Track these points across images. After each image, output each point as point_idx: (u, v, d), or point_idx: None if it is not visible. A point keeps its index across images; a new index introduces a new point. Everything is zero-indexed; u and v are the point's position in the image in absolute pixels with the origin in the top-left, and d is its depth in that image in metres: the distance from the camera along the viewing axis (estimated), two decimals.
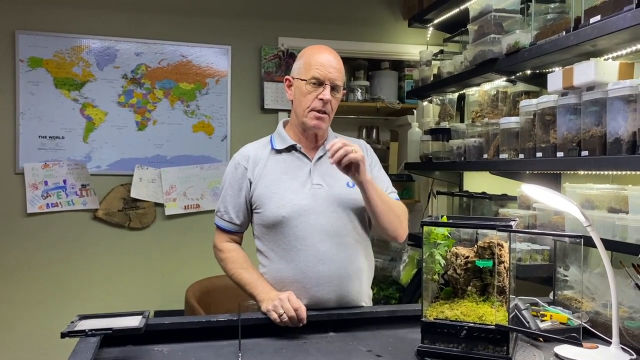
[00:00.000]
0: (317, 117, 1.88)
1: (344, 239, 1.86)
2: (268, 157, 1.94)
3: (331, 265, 1.83)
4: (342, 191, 1.91)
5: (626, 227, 1.73)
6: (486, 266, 1.50)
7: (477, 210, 2.87)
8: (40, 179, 3.40)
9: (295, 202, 1.85)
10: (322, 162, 1.94)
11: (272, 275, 1.89)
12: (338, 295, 1.85)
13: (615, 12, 1.70)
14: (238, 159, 1.97)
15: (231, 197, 1.94)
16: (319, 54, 1.90)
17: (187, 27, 3.63)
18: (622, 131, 1.69)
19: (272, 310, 1.69)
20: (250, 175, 1.92)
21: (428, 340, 1.48)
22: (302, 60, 1.92)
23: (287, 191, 1.87)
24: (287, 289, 1.81)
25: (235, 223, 1.96)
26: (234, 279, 1.92)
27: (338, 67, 1.90)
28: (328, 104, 1.87)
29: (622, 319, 1.61)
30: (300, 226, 1.84)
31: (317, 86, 1.86)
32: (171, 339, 1.61)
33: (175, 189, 3.60)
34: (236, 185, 1.94)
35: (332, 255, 1.83)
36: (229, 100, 3.71)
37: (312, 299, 1.83)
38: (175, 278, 3.50)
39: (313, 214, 1.85)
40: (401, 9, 3.96)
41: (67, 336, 1.46)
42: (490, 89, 2.72)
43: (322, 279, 1.83)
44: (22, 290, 3.38)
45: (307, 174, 1.91)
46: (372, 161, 2.05)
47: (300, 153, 1.95)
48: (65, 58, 3.44)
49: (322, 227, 1.85)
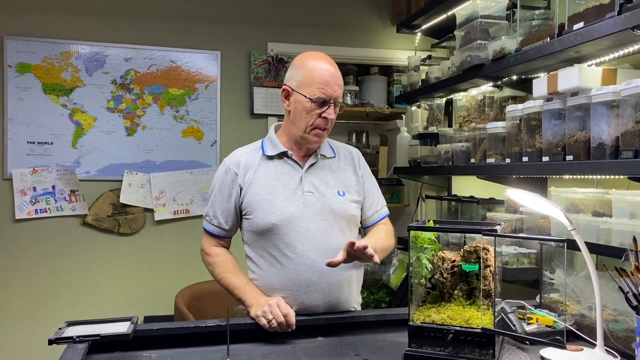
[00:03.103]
0: (319, 135, 1.88)
1: (334, 247, 1.84)
2: (259, 163, 1.92)
3: (320, 273, 1.83)
4: (333, 199, 1.90)
5: (610, 231, 1.76)
6: (472, 270, 1.52)
7: (465, 214, 2.90)
8: (28, 184, 3.38)
9: (286, 209, 1.84)
10: (313, 170, 1.93)
11: (261, 282, 1.89)
12: (327, 302, 1.86)
13: (598, 19, 1.73)
14: (228, 164, 1.95)
15: (220, 202, 1.93)
16: (321, 67, 1.84)
17: (177, 32, 3.64)
18: (605, 136, 1.71)
19: (261, 316, 1.70)
20: (241, 181, 1.90)
21: (415, 344, 1.49)
22: (303, 73, 1.85)
23: (278, 198, 1.86)
24: (277, 296, 1.81)
25: (224, 228, 1.95)
26: (222, 284, 1.91)
27: (340, 82, 1.87)
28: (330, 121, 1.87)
29: (607, 322, 1.63)
30: (291, 234, 1.84)
31: (320, 105, 1.83)
32: (160, 345, 1.61)
33: (164, 194, 3.60)
34: (226, 190, 1.93)
35: (321, 262, 1.80)
36: (219, 105, 3.71)
37: (302, 306, 1.83)
38: (165, 283, 3.49)
39: (304, 221, 1.85)
40: (390, 15, 3.98)
41: (54, 343, 1.46)
42: (477, 94, 2.75)
43: (312, 286, 1.83)
44: (10, 296, 3.36)
45: (298, 181, 1.90)
46: (365, 172, 2.05)
47: (291, 160, 1.93)
48: (54, 63, 3.43)
49: (312, 235, 1.85)
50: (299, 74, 1.86)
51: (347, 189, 1.94)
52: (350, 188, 1.96)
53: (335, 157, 2.00)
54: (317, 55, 1.91)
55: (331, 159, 1.98)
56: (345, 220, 1.91)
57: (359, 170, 2.02)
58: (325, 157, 1.97)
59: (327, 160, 1.97)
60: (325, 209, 1.87)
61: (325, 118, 1.84)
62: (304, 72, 1.85)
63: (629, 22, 1.58)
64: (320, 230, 1.86)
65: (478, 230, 1.50)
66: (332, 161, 1.98)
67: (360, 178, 2.01)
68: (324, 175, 1.94)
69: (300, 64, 1.88)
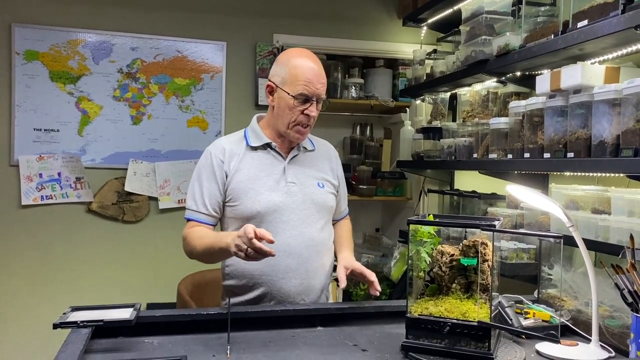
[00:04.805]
0: (300, 132, 1.94)
1: (312, 235, 1.95)
2: (244, 152, 1.98)
3: (299, 259, 1.91)
4: (314, 190, 1.99)
5: (608, 228, 1.77)
6: (470, 264, 1.54)
7: (467, 209, 2.91)
8: (35, 171, 3.41)
9: (271, 198, 1.91)
10: (295, 161, 2.01)
11: (240, 267, 1.92)
12: (305, 287, 1.93)
13: (601, 18, 1.73)
14: (213, 152, 1.98)
15: (208, 189, 1.94)
16: (305, 65, 1.89)
17: (183, 22, 3.65)
18: (606, 134, 1.72)
19: (237, 251, 1.64)
20: (227, 168, 1.94)
21: (412, 336, 1.51)
22: (287, 70, 1.89)
23: (262, 187, 1.92)
24: (255, 282, 1.90)
25: (211, 215, 1.95)
26: (201, 251, 1.86)
27: (323, 80, 1.92)
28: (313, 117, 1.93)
29: (603, 318, 1.65)
30: (274, 222, 1.90)
31: (303, 102, 1.89)
32: (162, 331, 1.64)
33: (169, 183, 3.63)
34: (212, 176, 1.94)
35: (301, 250, 1.91)
36: (224, 95, 3.73)
37: (279, 292, 1.90)
38: (168, 271, 3.52)
39: (287, 210, 1.92)
40: (396, 8, 3.98)
41: (59, 327, 1.49)
42: (481, 89, 2.75)
43: (290, 272, 1.91)
44: (15, 281, 3.40)
45: (281, 172, 1.97)
46: (339, 170, 2.15)
47: (275, 151, 2.00)
48: (61, 51, 3.45)
49: (294, 224, 1.92)
50: (283, 70, 1.91)
51: (325, 182, 2.04)
52: (327, 181, 2.06)
53: (315, 150, 2.08)
54: (301, 52, 1.95)
55: (311, 152, 2.07)
56: (325, 210, 2.02)
57: (335, 166, 2.13)
58: (306, 150, 2.05)
59: (308, 153, 2.06)
60: (307, 199, 1.96)
61: (308, 115, 1.90)
62: (288, 69, 1.89)
63: (632, 22, 1.58)
64: (302, 220, 1.94)
65: (476, 225, 1.52)
66: (312, 154, 2.07)
67: (335, 174, 2.11)
68: (305, 167, 2.03)
69: (284, 61, 1.93)
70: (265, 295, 1.91)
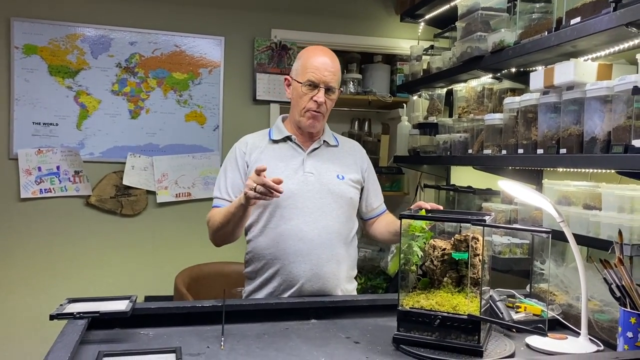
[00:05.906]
0: (311, 117, 2.01)
1: (328, 223, 1.99)
2: (266, 145, 2.08)
3: (310, 244, 1.95)
4: (332, 180, 2.04)
5: (599, 224, 1.79)
6: (462, 258, 1.56)
7: (462, 204, 2.93)
8: (33, 164, 3.43)
9: (287, 186, 1.93)
10: (316, 154, 2.07)
11: (257, 251, 2.00)
12: (314, 274, 1.95)
13: (594, 15, 1.74)
14: (238, 145, 2.11)
15: (231, 179, 2.05)
16: (316, 56, 2.01)
17: (181, 17, 3.66)
18: (597, 130, 1.74)
19: (248, 191, 1.74)
20: (248, 159, 2.04)
21: (403, 329, 1.53)
22: (300, 62, 2.03)
23: (280, 176, 1.94)
24: (267, 266, 1.96)
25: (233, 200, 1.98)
26: (221, 219, 1.93)
27: (333, 70, 2.00)
28: (322, 105, 1.99)
29: (593, 312, 1.67)
30: (288, 208, 1.96)
31: (312, 88, 1.98)
32: (157, 323, 1.66)
33: (167, 177, 3.65)
34: (235, 166, 2.06)
35: (313, 236, 1.95)
36: (222, 90, 3.74)
37: (289, 275, 1.94)
38: (165, 264, 3.55)
39: (302, 197, 1.98)
40: (394, 4, 3.99)
41: (55, 318, 1.51)
42: (477, 85, 2.76)
43: (300, 257, 1.95)
44: (13, 272, 3.42)
45: (300, 163, 2.04)
46: (368, 168, 2.21)
47: (295, 144, 2.08)
48: (60, 46, 3.46)
49: (308, 211, 1.97)
50: (297, 64, 2.05)
51: (346, 174, 2.08)
52: (349, 174, 2.09)
53: (338, 146, 2.15)
54: (316, 48, 2.08)
55: (334, 147, 2.14)
56: (344, 201, 2.05)
57: (360, 162, 2.18)
58: (328, 145, 2.12)
59: (331, 148, 2.13)
60: (323, 189, 2.01)
61: (316, 101, 1.97)
62: (301, 62, 2.03)
63: (623, 19, 1.60)
64: (317, 207, 1.99)
65: (467, 220, 1.54)
66: (335, 149, 2.14)
67: (360, 169, 2.15)
68: (325, 160, 2.09)
69: (300, 57, 2.07)
70: (275, 276, 1.97)
